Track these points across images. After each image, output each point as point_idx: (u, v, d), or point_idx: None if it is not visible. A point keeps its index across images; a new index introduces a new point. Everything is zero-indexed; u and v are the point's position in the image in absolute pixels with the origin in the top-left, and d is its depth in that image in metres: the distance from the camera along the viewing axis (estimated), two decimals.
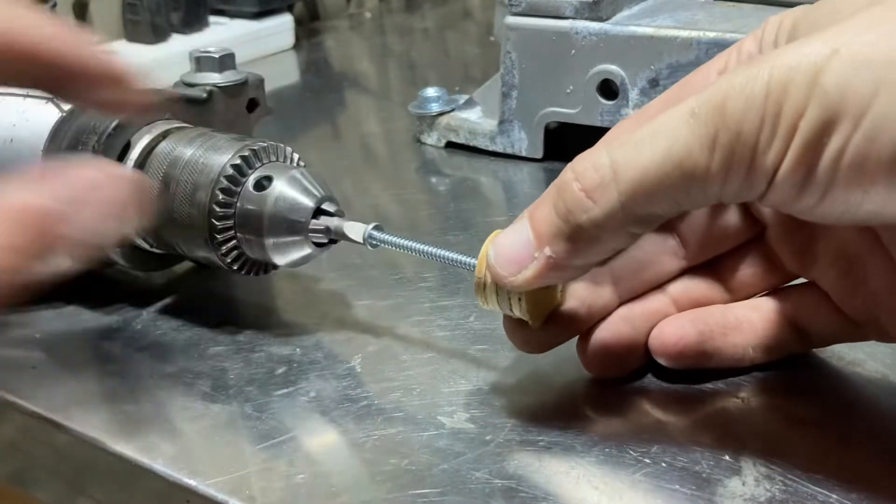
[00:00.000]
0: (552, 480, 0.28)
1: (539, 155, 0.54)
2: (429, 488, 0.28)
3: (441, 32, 0.92)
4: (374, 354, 0.35)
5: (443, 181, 0.54)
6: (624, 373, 0.32)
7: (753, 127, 0.23)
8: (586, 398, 0.33)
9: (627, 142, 0.25)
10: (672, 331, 0.31)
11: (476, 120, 0.57)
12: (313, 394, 0.33)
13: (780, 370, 0.33)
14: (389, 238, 0.34)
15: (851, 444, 0.29)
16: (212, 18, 0.80)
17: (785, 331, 0.32)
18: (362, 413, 0.32)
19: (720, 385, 0.32)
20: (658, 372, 0.33)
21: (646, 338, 0.32)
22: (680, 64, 0.48)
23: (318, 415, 0.32)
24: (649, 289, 0.33)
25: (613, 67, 0.50)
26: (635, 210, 0.26)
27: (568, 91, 0.51)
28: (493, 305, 0.30)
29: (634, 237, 0.27)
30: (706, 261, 0.33)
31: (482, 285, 0.30)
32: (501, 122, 0.55)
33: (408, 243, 0.34)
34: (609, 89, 0.50)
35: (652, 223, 0.27)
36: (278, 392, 0.33)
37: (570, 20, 0.50)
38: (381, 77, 0.79)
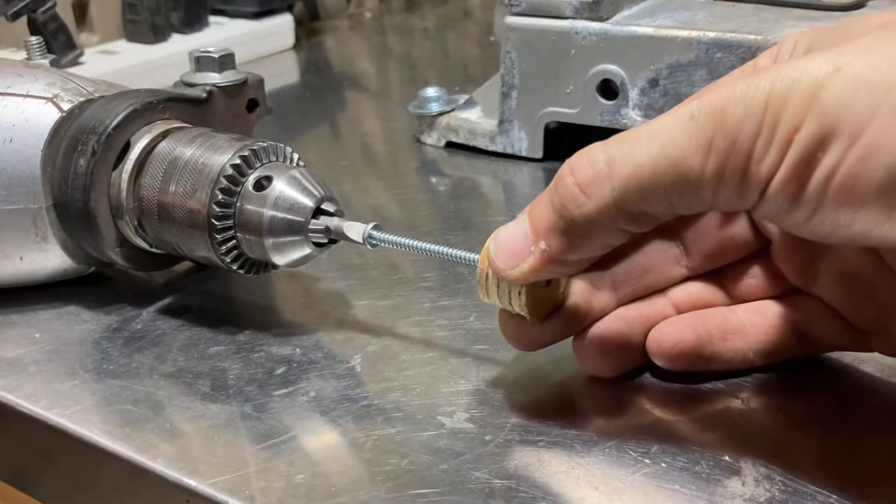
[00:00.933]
0: (552, 480, 0.28)
1: (539, 155, 0.54)
2: (428, 488, 0.28)
3: (441, 32, 0.92)
4: (374, 354, 0.35)
5: (443, 181, 0.54)
6: (619, 372, 0.32)
7: (750, 135, 0.23)
8: (586, 398, 0.33)
9: (625, 139, 0.26)
10: (670, 334, 0.31)
11: (476, 120, 0.57)
12: (313, 394, 0.33)
13: (780, 370, 0.33)
14: (389, 237, 0.34)
15: (851, 445, 0.29)
16: (212, 18, 0.80)
17: (789, 337, 0.32)
18: (362, 413, 0.32)
19: (720, 385, 0.32)
20: (656, 371, 0.33)
21: (642, 338, 0.32)
22: (680, 64, 0.48)
23: (318, 415, 0.32)
24: (649, 294, 0.33)
25: (613, 67, 0.50)
26: (628, 207, 0.26)
27: (568, 91, 0.51)
28: (494, 299, 0.31)
29: (627, 234, 0.27)
30: (707, 270, 0.33)
31: (484, 278, 0.30)
32: (501, 122, 0.55)
33: (407, 242, 0.34)
34: (609, 89, 0.50)
35: (645, 222, 0.27)
36: (278, 392, 0.33)
37: (570, 20, 0.50)
38: (381, 77, 0.79)
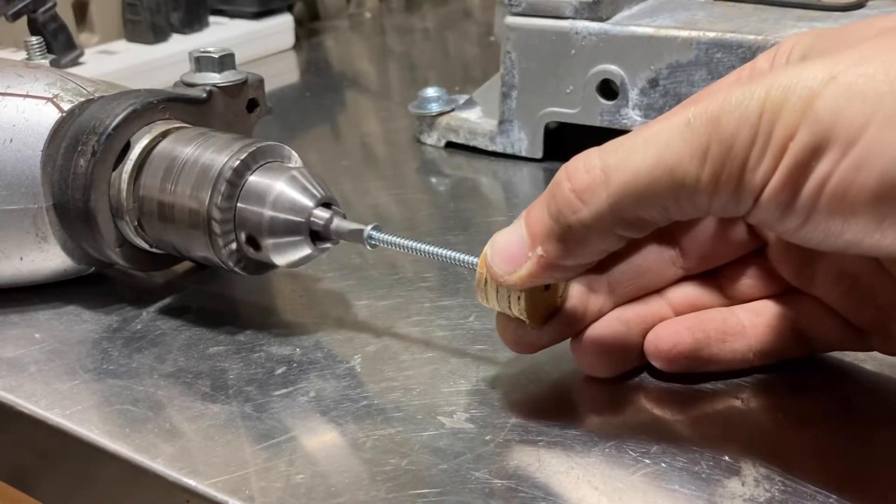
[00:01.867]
0: (552, 480, 0.28)
1: (539, 155, 0.54)
2: (428, 488, 0.28)
3: (441, 32, 0.92)
4: (374, 354, 0.35)
5: (443, 181, 0.54)
6: (617, 372, 0.32)
7: (745, 143, 0.23)
8: (586, 398, 0.33)
9: (621, 146, 0.26)
10: (667, 336, 0.31)
11: (476, 120, 0.57)
12: (313, 394, 0.33)
13: (780, 370, 0.33)
14: (389, 238, 0.34)
15: (851, 445, 0.29)
16: (212, 18, 0.80)
17: (788, 337, 0.32)
18: (362, 413, 0.32)
19: (720, 385, 0.32)
20: (655, 372, 0.33)
21: (640, 339, 0.32)
22: (680, 64, 0.48)
23: (318, 415, 0.32)
24: (646, 295, 0.33)
25: (613, 67, 0.50)
26: (624, 213, 0.26)
27: (568, 91, 0.51)
28: (493, 303, 0.31)
29: (623, 240, 0.27)
30: (704, 270, 0.33)
31: (483, 283, 0.30)
32: (501, 122, 0.55)
33: (407, 243, 0.34)
34: (609, 89, 0.50)
35: (641, 228, 0.27)
36: (278, 392, 0.33)
37: (570, 20, 0.50)
38: (381, 77, 0.79)
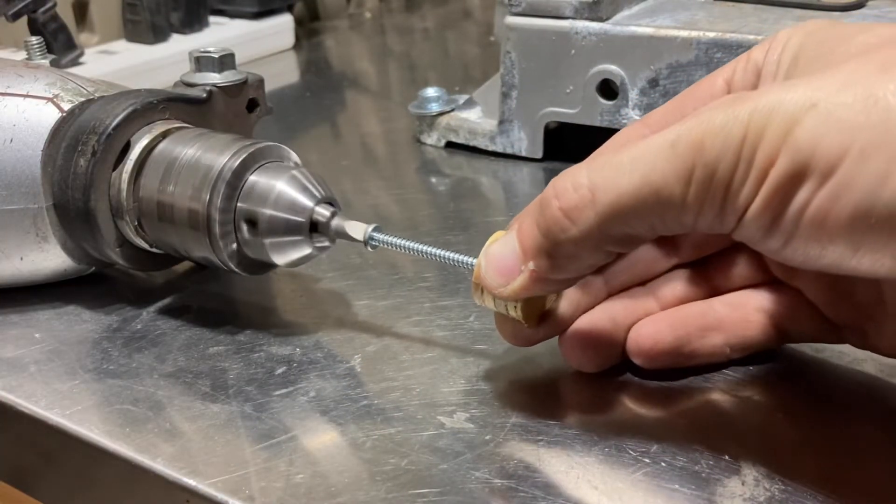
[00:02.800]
0: (552, 480, 0.28)
1: (539, 155, 0.54)
2: (428, 488, 0.28)
3: (441, 32, 0.92)
4: (374, 354, 0.35)
5: (443, 181, 0.54)
6: (603, 367, 0.33)
7: (728, 167, 0.24)
8: (586, 398, 0.33)
9: (608, 164, 0.26)
10: (648, 334, 0.32)
11: (476, 120, 0.57)
12: (313, 394, 0.33)
13: (780, 370, 0.33)
14: (389, 239, 0.34)
15: (851, 445, 0.29)
16: (212, 18, 0.80)
17: (764, 331, 0.32)
18: (362, 413, 0.32)
19: (720, 385, 0.32)
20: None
21: (625, 334, 0.32)
22: (680, 64, 0.48)
23: (318, 414, 0.32)
24: (633, 287, 0.33)
25: (613, 67, 0.50)
26: (612, 231, 0.26)
27: (568, 91, 0.51)
28: (490, 304, 0.31)
29: (612, 254, 0.28)
30: (698, 258, 0.34)
31: (479, 286, 0.30)
32: (501, 122, 0.55)
33: (407, 244, 0.34)
34: (609, 89, 0.50)
35: (629, 243, 0.27)
36: (278, 392, 0.33)
37: (570, 20, 0.50)
38: (381, 77, 0.79)
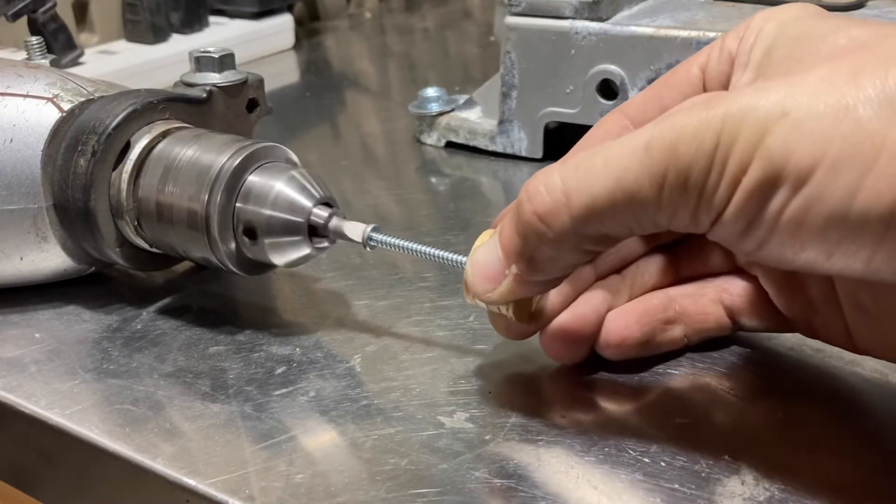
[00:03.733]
0: (551, 480, 0.28)
1: (539, 155, 0.54)
2: (428, 488, 0.28)
3: (441, 32, 0.92)
4: (374, 354, 0.35)
5: (443, 181, 0.54)
6: (578, 358, 0.33)
7: (701, 173, 0.24)
8: (586, 398, 0.33)
9: (581, 166, 0.26)
10: (617, 330, 0.32)
11: (476, 120, 0.57)
12: (313, 393, 0.33)
13: (781, 370, 0.33)
14: (388, 239, 0.34)
15: (851, 445, 0.29)
16: (212, 18, 0.80)
17: (720, 321, 0.34)
18: (362, 413, 0.32)
19: (720, 385, 0.32)
20: (660, 370, 0.33)
21: (599, 326, 0.33)
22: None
23: (318, 414, 0.32)
24: (624, 266, 0.34)
25: (613, 67, 0.50)
26: (587, 232, 0.27)
27: (568, 91, 0.51)
28: (482, 304, 0.31)
29: (592, 254, 0.28)
30: (673, 241, 0.35)
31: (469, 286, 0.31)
32: (501, 122, 0.55)
33: (406, 244, 0.34)
34: (609, 89, 0.50)
35: (606, 243, 0.28)
36: (278, 392, 0.33)
37: (570, 20, 0.50)
38: (381, 77, 0.79)
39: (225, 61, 0.42)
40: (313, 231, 0.35)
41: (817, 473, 0.28)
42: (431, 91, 0.58)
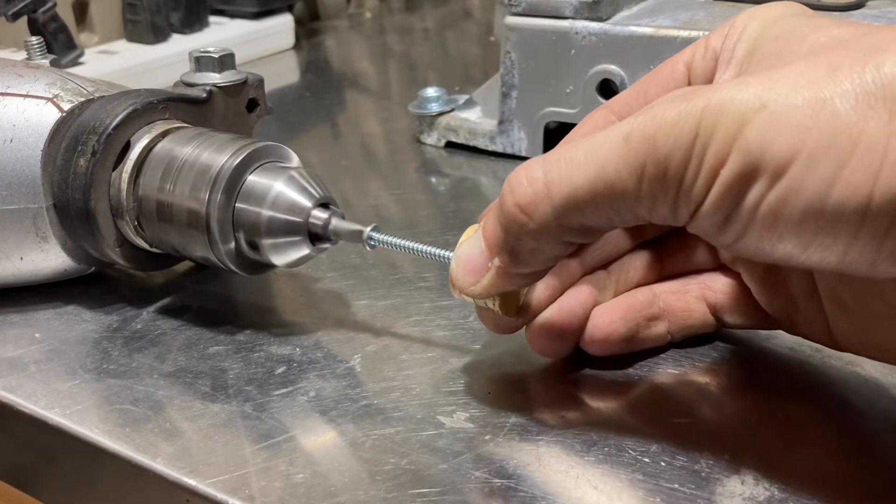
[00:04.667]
0: (551, 480, 0.28)
1: (539, 155, 0.54)
2: (428, 487, 0.28)
3: (441, 32, 0.92)
4: (374, 354, 0.35)
5: (443, 181, 0.54)
6: (564, 353, 0.33)
7: (680, 165, 0.24)
8: (586, 398, 0.33)
9: (563, 158, 0.26)
10: (603, 325, 0.33)
11: (476, 120, 0.57)
12: (313, 393, 0.33)
13: (781, 370, 0.33)
14: (388, 239, 0.34)
15: (851, 444, 0.30)
16: (212, 18, 0.80)
17: (703, 318, 0.34)
18: (362, 412, 0.32)
19: (721, 385, 0.32)
20: (658, 370, 0.33)
21: (584, 322, 0.33)
22: None
23: (318, 414, 0.32)
24: (610, 261, 0.34)
25: (613, 67, 0.50)
26: (569, 223, 0.27)
27: (568, 91, 0.51)
28: (469, 298, 0.31)
29: (573, 246, 0.28)
30: (657, 236, 0.35)
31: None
32: (501, 122, 0.55)
33: (406, 244, 0.34)
34: (609, 89, 0.50)
35: (588, 234, 0.28)
36: (278, 392, 0.33)
37: (570, 20, 0.51)
38: (381, 77, 0.79)
39: (225, 61, 0.42)
40: (313, 231, 0.35)
41: (817, 473, 0.28)
42: (431, 91, 0.58)
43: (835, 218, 0.23)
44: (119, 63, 0.71)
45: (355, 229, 0.34)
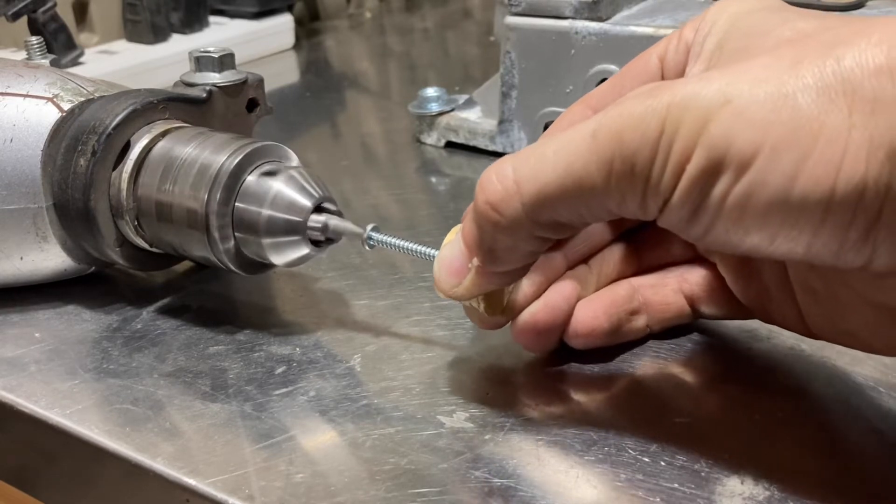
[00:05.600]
0: (551, 479, 0.28)
1: None
2: (428, 487, 0.28)
3: (441, 32, 0.92)
4: (374, 354, 0.35)
5: (442, 181, 0.54)
6: (548, 347, 0.33)
7: (646, 161, 0.24)
8: (586, 398, 0.33)
9: (532, 155, 0.27)
10: (587, 320, 0.33)
11: (476, 120, 0.57)
12: (312, 393, 0.33)
13: (781, 370, 0.33)
14: (388, 239, 0.34)
15: (851, 444, 0.29)
16: (212, 18, 0.80)
17: (681, 310, 0.35)
18: (361, 412, 0.32)
19: (720, 385, 0.32)
20: (657, 369, 0.33)
21: (568, 316, 0.33)
22: None
23: (318, 414, 0.32)
24: (594, 253, 0.35)
25: (613, 67, 0.50)
26: (540, 220, 0.27)
27: (568, 91, 0.51)
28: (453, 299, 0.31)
29: (549, 242, 0.29)
30: (638, 226, 0.35)
31: None
32: (501, 122, 0.55)
33: (406, 244, 0.34)
34: None
35: (561, 230, 0.28)
36: (277, 391, 0.33)
37: (570, 20, 0.51)
38: (381, 77, 0.79)
39: (225, 61, 0.42)
40: (312, 230, 0.35)
41: (817, 473, 0.28)
42: (431, 91, 0.58)
43: (799, 210, 0.23)
44: (119, 63, 0.71)
45: (355, 229, 0.34)
